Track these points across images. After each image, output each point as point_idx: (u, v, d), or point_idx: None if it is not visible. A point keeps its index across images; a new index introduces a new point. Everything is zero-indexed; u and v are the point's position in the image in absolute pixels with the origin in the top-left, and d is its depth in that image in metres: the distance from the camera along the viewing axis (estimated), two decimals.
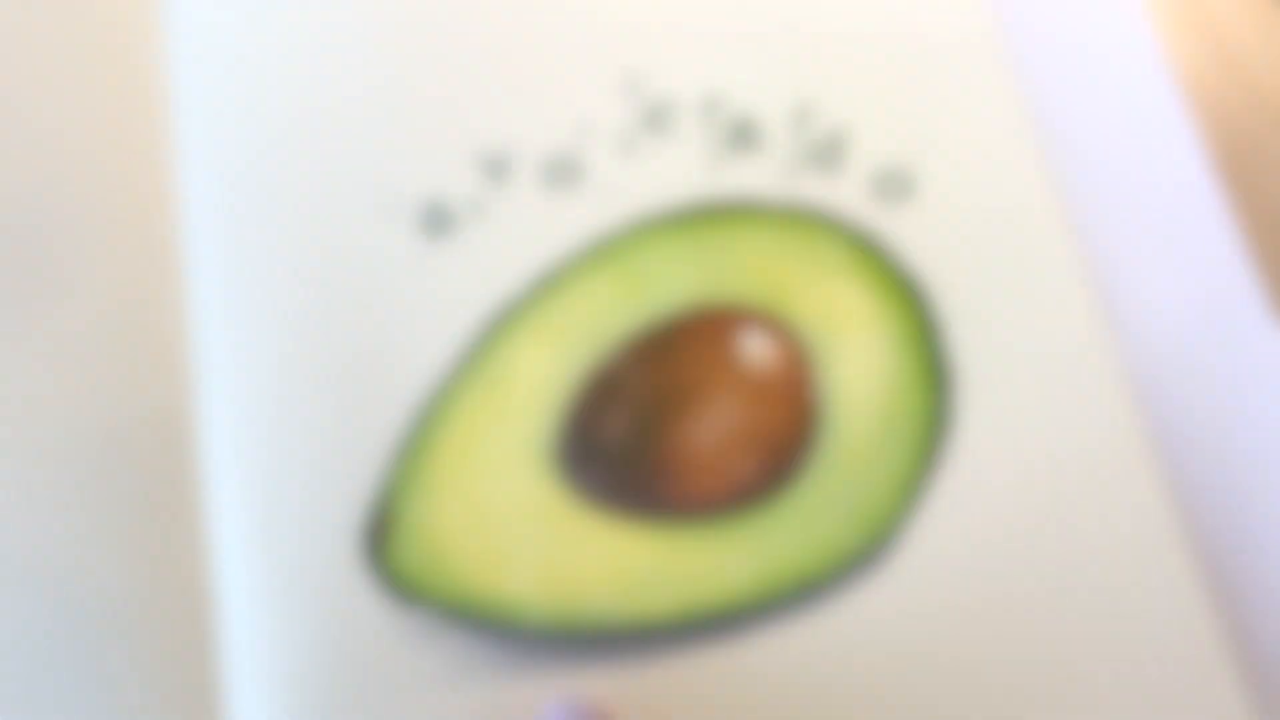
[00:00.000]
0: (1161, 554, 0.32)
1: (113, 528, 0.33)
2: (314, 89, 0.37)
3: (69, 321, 0.35)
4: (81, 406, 0.34)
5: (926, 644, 0.32)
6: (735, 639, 0.32)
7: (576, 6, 0.38)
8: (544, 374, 0.34)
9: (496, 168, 0.36)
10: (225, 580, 0.32)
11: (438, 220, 0.35)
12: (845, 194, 0.36)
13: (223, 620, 0.32)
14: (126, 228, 0.36)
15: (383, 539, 0.32)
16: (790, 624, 0.32)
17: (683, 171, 0.36)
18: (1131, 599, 0.32)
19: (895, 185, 0.36)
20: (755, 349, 0.34)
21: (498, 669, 0.32)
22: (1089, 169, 0.36)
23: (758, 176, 0.36)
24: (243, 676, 0.32)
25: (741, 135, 0.37)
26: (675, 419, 0.33)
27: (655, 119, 0.37)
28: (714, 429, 0.33)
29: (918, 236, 0.35)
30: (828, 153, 0.36)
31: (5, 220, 0.36)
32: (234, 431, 0.34)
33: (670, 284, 0.35)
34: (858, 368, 0.34)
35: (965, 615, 0.32)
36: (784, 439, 0.33)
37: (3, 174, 0.36)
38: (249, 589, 0.32)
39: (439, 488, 0.33)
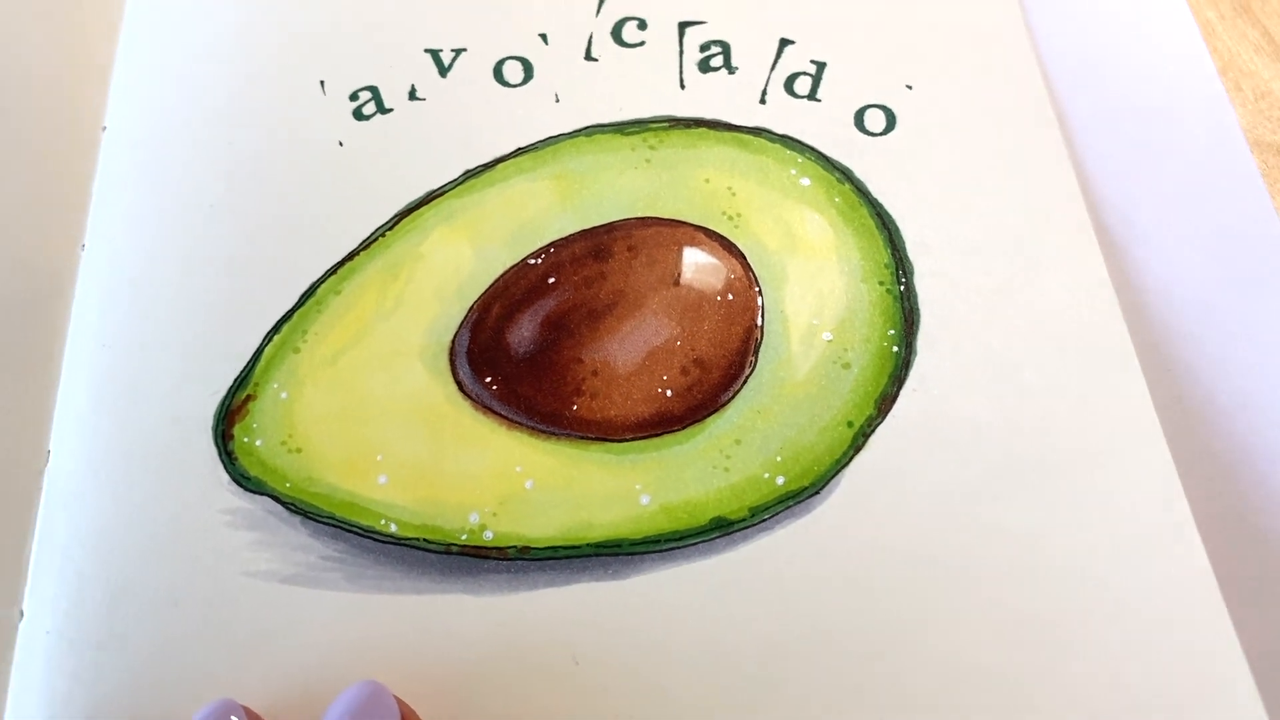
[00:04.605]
0: (1163, 514, 0.26)
1: None
2: None
3: None
4: None
5: (840, 599, 0.26)
6: (623, 574, 0.27)
7: None
8: (458, 265, 0.30)
9: (446, 61, 0.33)
10: (61, 440, 0.29)
11: (372, 103, 0.33)
12: (821, 124, 0.32)
13: (51, 482, 0.28)
14: (60, 95, 0.34)
15: (234, 417, 0.28)
16: (689, 564, 0.27)
17: (647, 85, 0.33)
18: (1117, 562, 0.26)
19: (875, 119, 0.32)
20: (698, 264, 0.30)
21: (340, 572, 0.27)
22: (1104, 115, 0.32)
23: (728, 99, 0.33)
24: (58, 536, 0.27)
25: (715, 59, 0.33)
26: (597, 331, 0.29)
27: (624, 34, 0.34)
28: (638, 346, 0.29)
29: (894, 172, 0.31)
30: (805, 84, 0.33)
31: None
32: (109, 293, 0.30)
33: (616, 190, 0.31)
34: (812, 296, 0.30)
35: (892, 574, 0.26)
36: (716, 364, 0.29)
37: None
38: (86, 448, 0.28)
39: (311, 370, 0.29)
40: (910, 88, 0.33)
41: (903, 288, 0.30)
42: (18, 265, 0.31)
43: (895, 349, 0.29)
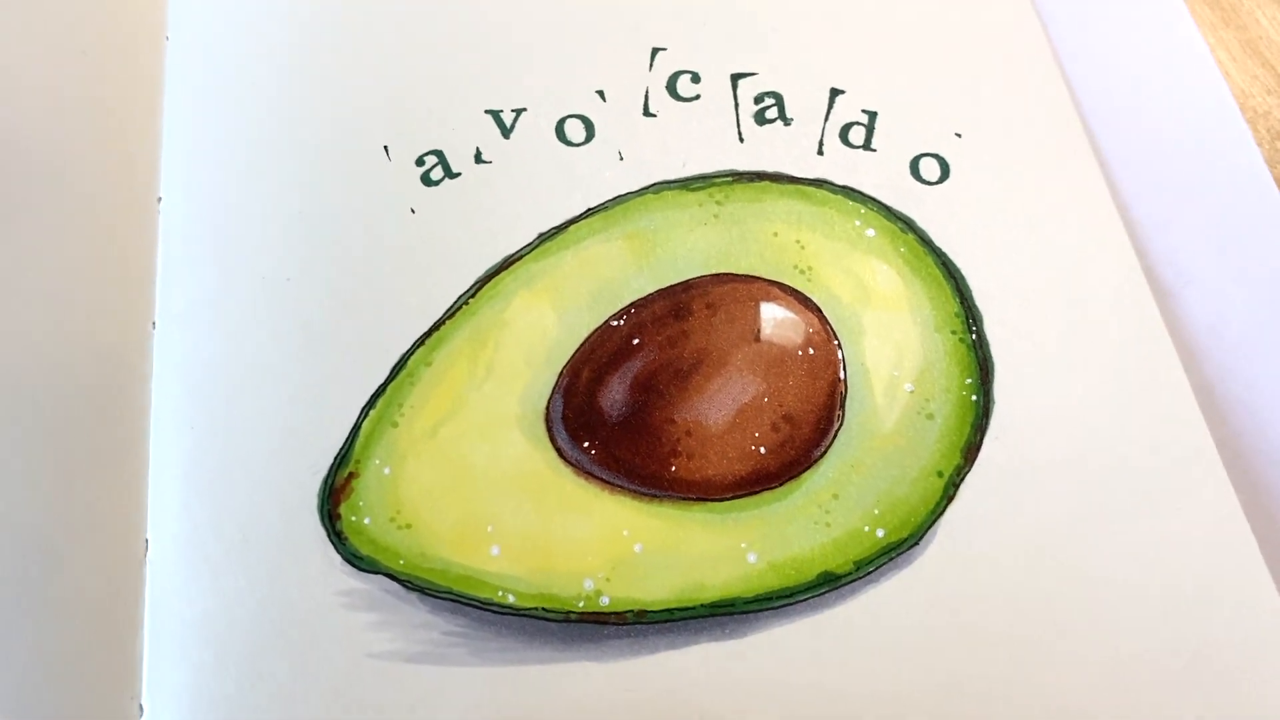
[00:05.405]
0: (1234, 553, 0.28)
1: (52, 465, 0.29)
2: (324, 32, 0.35)
3: (35, 253, 0.31)
4: (34, 339, 0.30)
5: (952, 648, 0.27)
6: (740, 632, 0.28)
7: None
8: (543, 330, 0.31)
9: (507, 122, 0.34)
10: (159, 528, 0.28)
11: (439, 168, 0.33)
12: (879, 174, 0.33)
13: (154, 571, 0.28)
14: (108, 166, 0.33)
15: (339, 496, 0.29)
16: (802, 620, 0.28)
17: (707, 139, 0.34)
18: (1195, 603, 0.28)
19: (930, 168, 0.33)
20: (778, 319, 0.31)
21: (465, 647, 0.27)
22: (1139, 159, 0.34)
23: (786, 151, 0.34)
24: (169, 626, 0.27)
25: (770, 110, 0.34)
26: (686, 390, 0.30)
27: (679, 88, 0.35)
28: (728, 404, 0.30)
29: (954, 220, 0.33)
30: (859, 134, 0.34)
31: None
32: (189, 373, 0.30)
33: (688, 247, 0.32)
34: (889, 347, 0.31)
35: (999, 621, 0.28)
36: (805, 419, 0.30)
37: None
38: (187, 535, 0.28)
39: (412, 444, 0.29)
40: (960, 136, 0.34)
41: (974, 336, 0.31)
42: (90, 348, 0.30)
43: (974, 398, 0.30)
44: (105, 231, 0.32)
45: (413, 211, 0.32)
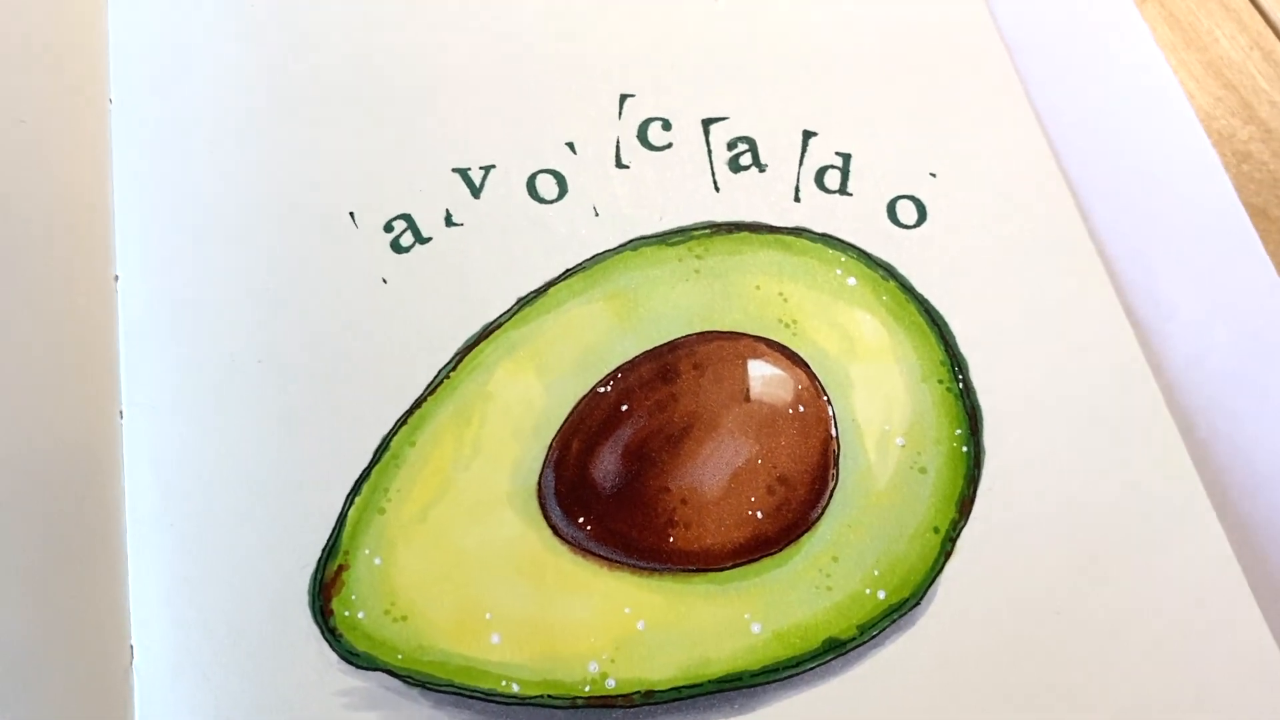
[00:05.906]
0: (1225, 593, 0.29)
1: (23, 574, 0.27)
2: (281, 91, 0.33)
3: None
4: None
5: (958, 706, 0.27)
6: (748, 707, 0.27)
7: (571, 35, 0.35)
8: (529, 401, 0.30)
9: (476, 180, 0.33)
10: (144, 633, 0.27)
11: (409, 233, 0.32)
12: (856, 219, 0.33)
13: (142, 681, 0.27)
14: (57, 243, 0.32)
15: (330, 590, 0.28)
16: (810, 690, 0.28)
17: (682, 190, 0.33)
18: (1192, 645, 0.28)
19: (907, 210, 0.33)
20: (766, 377, 0.30)
21: None
22: (1112, 191, 0.34)
23: (763, 198, 0.33)
24: None
25: (744, 156, 0.34)
26: (678, 457, 0.29)
27: (650, 137, 0.34)
28: (722, 469, 0.29)
29: (933, 265, 0.32)
30: (834, 178, 0.34)
31: None
32: (162, 466, 0.29)
33: (671, 305, 0.31)
34: (878, 401, 0.30)
35: (1002, 675, 0.28)
36: (800, 480, 0.30)
37: None
38: (174, 639, 0.27)
39: (401, 530, 0.28)
40: (934, 175, 0.34)
41: (961, 385, 0.31)
42: (55, 443, 0.29)
43: (965, 449, 0.30)
44: (61, 315, 0.30)
45: (384, 281, 0.31)
